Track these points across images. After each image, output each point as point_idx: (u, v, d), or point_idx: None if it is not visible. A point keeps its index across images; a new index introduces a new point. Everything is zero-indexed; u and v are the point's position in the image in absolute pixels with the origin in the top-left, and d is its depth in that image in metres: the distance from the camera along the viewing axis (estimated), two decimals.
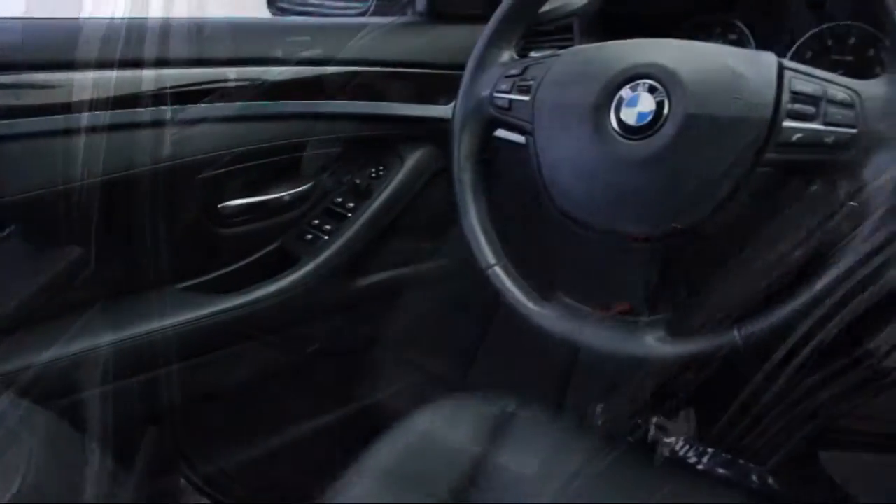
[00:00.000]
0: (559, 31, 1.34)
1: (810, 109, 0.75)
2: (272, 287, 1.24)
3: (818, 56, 1.16)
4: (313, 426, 1.47)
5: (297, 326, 1.30)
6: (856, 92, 0.75)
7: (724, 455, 1.84)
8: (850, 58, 1.13)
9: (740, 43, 1.23)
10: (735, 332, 0.76)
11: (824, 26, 1.15)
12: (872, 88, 0.75)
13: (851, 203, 0.81)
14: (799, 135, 0.75)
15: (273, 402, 1.41)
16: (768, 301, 0.77)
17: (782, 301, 0.75)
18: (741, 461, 1.82)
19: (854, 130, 0.73)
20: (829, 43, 1.15)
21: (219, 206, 1.24)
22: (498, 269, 0.93)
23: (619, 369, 1.90)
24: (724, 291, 0.91)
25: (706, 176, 0.77)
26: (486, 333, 1.72)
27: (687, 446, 1.91)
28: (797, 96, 0.76)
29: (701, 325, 0.80)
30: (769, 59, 0.79)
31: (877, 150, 0.72)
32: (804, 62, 1.10)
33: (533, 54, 1.26)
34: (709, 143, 0.78)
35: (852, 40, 1.13)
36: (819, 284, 0.73)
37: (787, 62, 0.79)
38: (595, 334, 0.85)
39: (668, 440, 1.93)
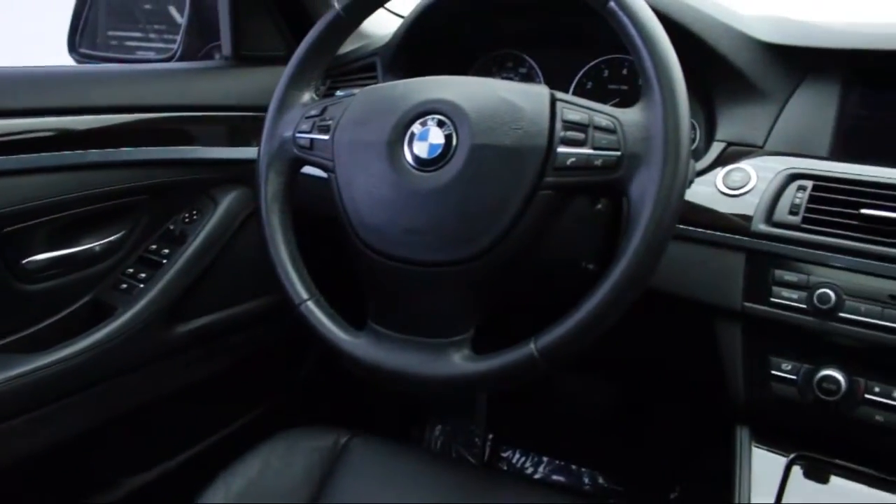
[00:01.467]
0: (364, 70, 1.40)
1: (580, 136, 0.83)
2: (86, 341, 1.21)
3: (597, 86, 1.27)
4: (143, 480, 1.44)
5: (117, 378, 1.27)
6: (617, 119, 0.83)
7: (557, 462, 1.95)
8: (625, 87, 1.25)
9: (530, 77, 1.33)
10: (532, 345, 0.82)
11: (600, 59, 1.27)
12: (630, 115, 0.83)
13: (621, 215, 0.90)
14: (572, 159, 0.83)
15: (100, 458, 1.37)
16: (560, 312, 0.83)
17: (571, 311, 0.81)
18: (573, 466, 1.93)
19: (618, 153, 0.81)
20: (606, 74, 1.26)
21: (23, 261, 1.19)
22: (310, 304, 0.96)
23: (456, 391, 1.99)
24: (520, 307, 0.98)
25: (494, 201, 0.84)
26: (316, 366, 1.74)
27: (523, 458, 2.00)
28: (568, 124, 0.84)
29: (502, 341, 0.86)
30: (542, 91, 0.87)
31: (638, 169, 0.80)
32: (585, 92, 1.22)
33: (339, 93, 1.31)
34: (494, 170, 0.84)
35: (625, 71, 1.25)
36: (601, 292, 0.80)
37: (558, 94, 0.87)
38: (405, 359, 0.88)
39: (504, 454, 2.01)
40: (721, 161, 1.07)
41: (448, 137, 0.86)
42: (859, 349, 0.96)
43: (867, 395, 0.95)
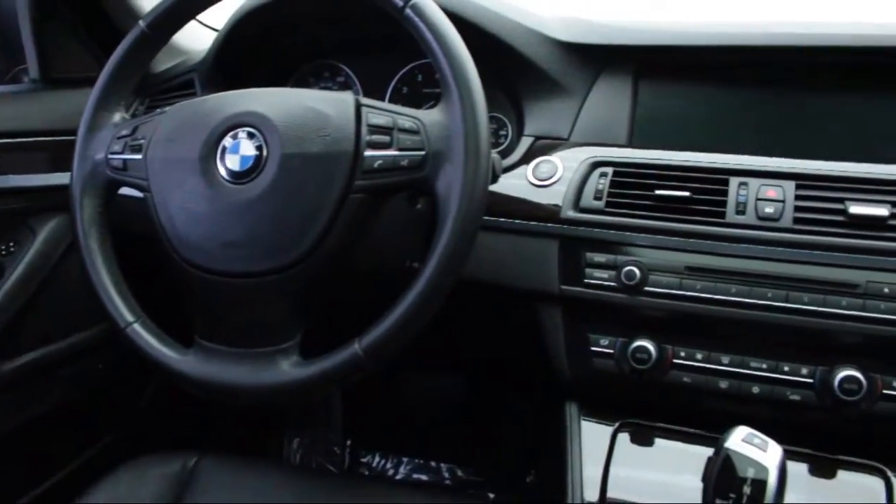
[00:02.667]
0: (182, 87, 1.38)
1: (385, 139, 0.86)
2: None
3: (412, 90, 1.31)
4: None
5: None
6: (419, 120, 0.87)
7: (417, 461, 1.98)
8: (438, 90, 1.29)
9: (347, 85, 1.36)
10: (356, 345, 0.84)
11: (413, 64, 1.31)
12: (432, 116, 0.87)
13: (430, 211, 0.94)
14: (379, 161, 0.86)
15: None
16: (381, 310, 0.86)
17: (391, 309, 0.84)
18: (433, 463, 1.97)
19: (423, 152, 0.85)
20: (420, 78, 1.31)
21: None
22: (136, 326, 0.94)
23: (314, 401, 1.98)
24: (350, 309, 1.00)
25: (307, 209, 0.85)
26: (160, 391, 1.70)
27: (383, 460, 2.03)
28: (373, 128, 0.87)
29: (329, 344, 0.87)
30: (347, 98, 0.90)
31: (442, 167, 0.84)
32: (401, 97, 1.26)
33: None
34: (305, 178, 0.86)
35: (437, 75, 1.29)
36: (417, 287, 0.83)
37: (362, 99, 0.90)
38: (235, 372, 0.89)
39: (364, 459, 2.03)
40: (530, 154, 1.14)
41: (259, 149, 0.87)
42: (665, 319, 1.04)
43: (675, 360, 1.03)
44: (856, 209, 0.96)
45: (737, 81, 1.14)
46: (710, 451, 0.87)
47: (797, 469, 1.02)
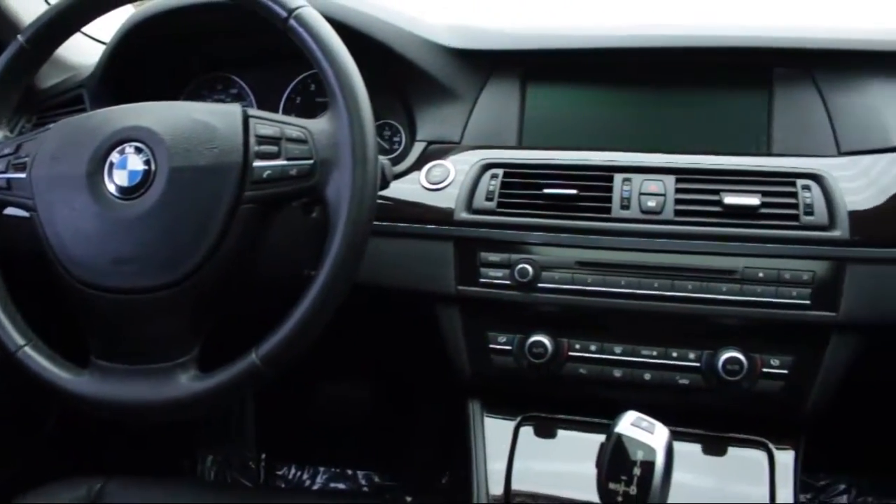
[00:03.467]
0: (71, 103, 1.35)
1: (273, 149, 0.87)
2: None
3: (306, 100, 1.32)
4: None
5: None
6: (307, 129, 0.88)
7: (333, 470, 1.98)
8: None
9: (241, 97, 1.35)
10: (253, 355, 0.85)
11: (305, 74, 1.31)
12: (319, 125, 0.88)
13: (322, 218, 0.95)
14: (268, 171, 0.86)
15: None
16: (278, 319, 0.86)
17: (286, 317, 0.85)
18: (349, 471, 1.97)
19: (311, 161, 0.86)
20: (313, 88, 1.32)
21: None
22: (28, 349, 0.92)
23: (225, 417, 1.96)
24: (249, 320, 1.00)
25: (198, 222, 0.85)
26: (63, 416, 1.66)
27: (299, 472, 2.02)
28: (261, 139, 0.87)
29: (231, 355, 0.87)
30: (235, 109, 0.90)
31: (331, 174, 0.85)
32: (295, 107, 1.26)
33: None
34: (195, 191, 0.86)
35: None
36: (311, 294, 0.84)
37: (250, 110, 0.90)
38: (133, 389, 0.88)
39: (279, 472, 2.02)
40: (423, 159, 1.16)
41: (147, 163, 0.87)
42: (559, 313, 1.07)
43: (570, 353, 1.07)
44: (730, 199, 1.02)
45: (620, 82, 1.19)
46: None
47: (688, 449, 1.07)
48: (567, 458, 1.08)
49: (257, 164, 0.86)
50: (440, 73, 1.19)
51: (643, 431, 0.85)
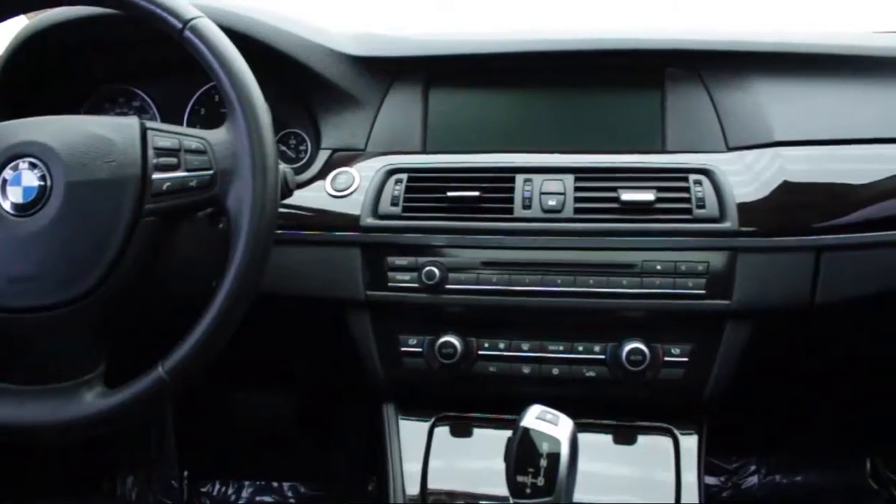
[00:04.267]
0: None
1: (172, 161, 0.87)
2: None
3: (211, 111, 1.31)
4: None
5: None
6: (206, 140, 0.88)
7: (258, 482, 1.96)
8: None
9: (144, 110, 1.34)
10: (160, 369, 0.84)
11: (209, 85, 1.31)
12: (218, 135, 0.88)
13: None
14: (168, 183, 0.86)
15: None
16: (184, 332, 0.86)
17: (191, 330, 0.85)
18: (275, 483, 1.95)
19: (210, 172, 0.86)
20: (217, 99, 1.31)
21: None
22: None
23: (145, 436, 1.92)
24: (158, 333, 0.99)
25: (97, 237, 0.84)
26: None
27: (224, 487, 1.99)
28: (160, 151, 0.87)
29: (133, 370, 0.87)
30: (132, 122, 0.89)
31: (231, 184, 0.86)
32: (200, 118, 1.25)
33: None
34: (93, 206, 0.84)
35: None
36: (215, 305, 0.84)
37: (148, 123, 0.89)
38: (36, 410, 0.86)
39: (203, 489, 1.99)
40: (329, 167, 1.17)
41: (42, 179, 0.85)
42: (467, 314, 1.09)
43: (480, 352, 1.09)
44: (627, 196, 1.05)
45: (519, 85, 1.22)
46: None
47: (597, 439, 1.10)
48: (480, 455, 1.10)
49: (156, 176, 0.86)
50: (343, 82, 1.20)
51: (548, 424, 0.88)
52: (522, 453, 0.87)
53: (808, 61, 1.18)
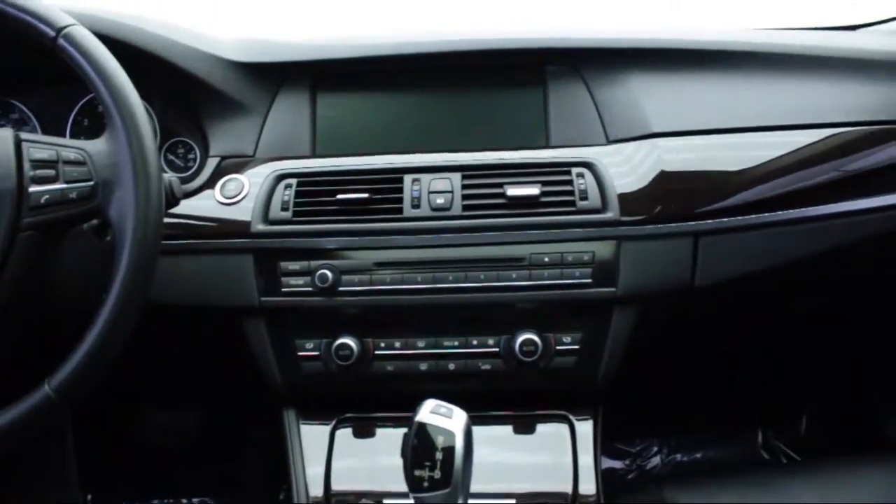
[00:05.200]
0: None
1: (50, 172, 0.85)
2: None
3: (94, 121, 1.28)
4: None
5: None
6: (85, 150, 0.86)
7: (166, 500, 1.92)
8: None
9: (23, 122, 1.30)
10: (46, 387, 0.82)
11: (91, 95, 1.27)
12: (98, 145, 0.87)
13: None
14: (46, 196, 0.84)
15: None
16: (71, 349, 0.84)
17: (77, 345, 0.83)
18: (183, 499, 1.92)
19: (91, 182, 0.85)
20: (100, 109, 1.28)
21: None
22: None
23: (43, 458, 1.85)
24: (43, 350, 0.97)
25: None
26: None
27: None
28: (36, 163, 0.85)
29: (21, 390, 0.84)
30: (5, 134, 0.87)
31: (113, 194, 0.84)
32: (84, 129, 1.23)
33: None
34: None
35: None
36: (101, 318, 0.82)
37: (23, 134, 0.87)
38: None
39: None
40: (218, 174, 1.16)
41: None
42: (363, 315, 1.10)
43: (377, 352, 1.10)
44: (513, 191, 1.08)
45: (406, 87, 1.23)
46: None
47: (495, 431, 1.13)
48: (382, 453, 1.11)
49: (34, 189, 0.84)
50: (229, 88, 1.19)
51: (442, 417, 0.89)
52: (419, 448, 0.89)
53: (682, 56, 1.23)
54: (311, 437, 1.14)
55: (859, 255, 1.22)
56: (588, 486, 1.09)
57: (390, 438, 1.12)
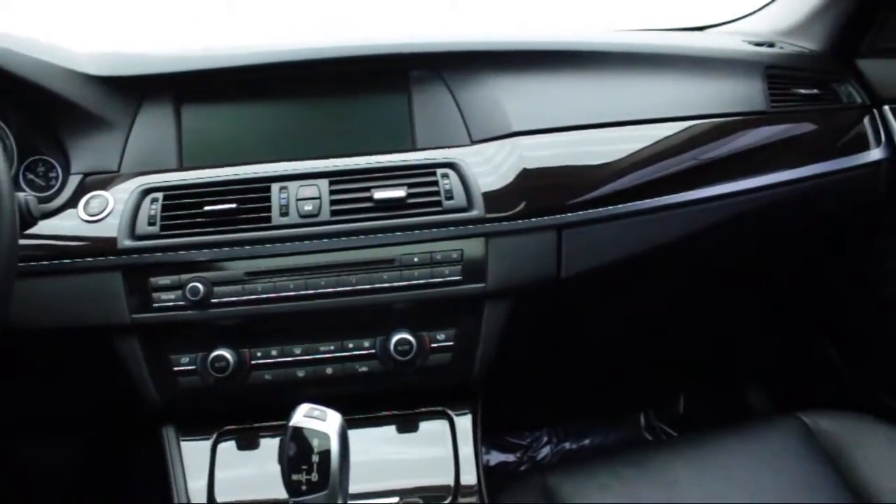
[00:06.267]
0: None
1: None
2: None
3: None
4: None
5: None
6: None
7: None
8: None
9: None
10: None
11: None
12: None
13: None
14: None
15: None
16: None
17: None
18: None
19: None
20: None
21: None
22: None
23: None
24: None
25: None
26: None
27: None
28: None
29: None
30: None
31: None
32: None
33: None
34: None
35: None
36: None
37: None
38: None
39: None
40: (81, 192, 1.13)
41: None
42: (238, 325, 1.10)
43: (253, 362, 1.10)
44: (379, 194, 1.10)
45: (271, 96, 1.23)
46: None
47: (377, 431, 1.14)
48: (265, 463, 1.11)
49: None
50: (88, 103, 1.17)
51: (316, 420, 0.90)
52: (295, 453, 0.90)
53: (541, 58, 1.28)
54: (193, 453, 1.13)
55: (713, 238, 1.30)
56: (469, 478, 1.11)
57: (273, 447, 1.11)
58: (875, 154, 1.36)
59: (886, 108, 1.37)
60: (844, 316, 1.65)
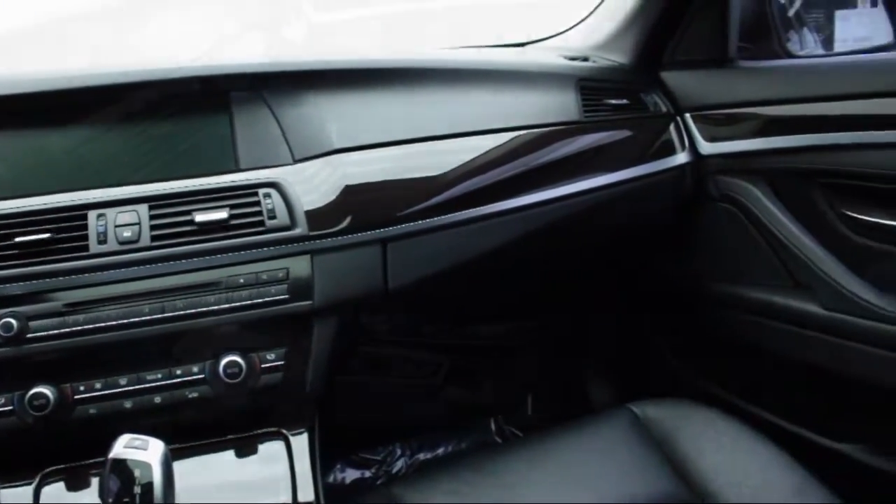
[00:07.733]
0: None
1: None
2: None
3: None
4: None
5: None
6: None
7: None
8: None
9: None
10: None
11: None
12: None
13: None
14: None
15: None
16: None
17: None
18: None
19: None
20: None
21: None
22: None
23: None
24: None
25: None
26: None
27: None
28: None
29: None
30: None
31: None
32: None
33: None
34: None
35: None
36: None
37: None
38: None
39: None
40: None
41: None
42: (59, 360, 1.06)
43: (76, 397, 1.06)
44: (201, 217, 1.09)
45: (86, 121, 1.19)
46: None
47: (212, 458, 1.12)
48: (92, 501, 1.07)
49: None
50: None
51: (137, 450, 0.88)
52: (117, 485, 0.87)
53: (361, 76, 1.30)
54: (13, 500, 1.07)
55: (542, 242, 1.35)
56: (306, 495, 1.11)
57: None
58: (681, 158, 1.47)
59: (688, 115, 1.48)
60: (674, 309, 1.75)
